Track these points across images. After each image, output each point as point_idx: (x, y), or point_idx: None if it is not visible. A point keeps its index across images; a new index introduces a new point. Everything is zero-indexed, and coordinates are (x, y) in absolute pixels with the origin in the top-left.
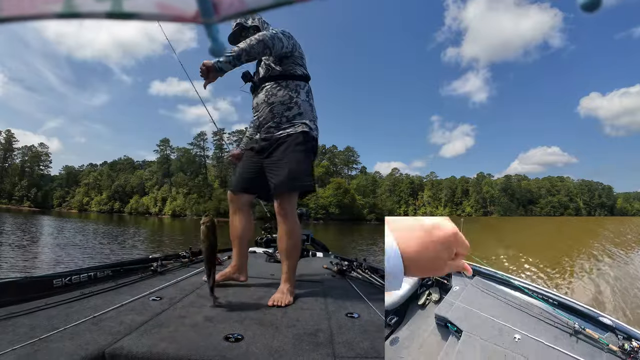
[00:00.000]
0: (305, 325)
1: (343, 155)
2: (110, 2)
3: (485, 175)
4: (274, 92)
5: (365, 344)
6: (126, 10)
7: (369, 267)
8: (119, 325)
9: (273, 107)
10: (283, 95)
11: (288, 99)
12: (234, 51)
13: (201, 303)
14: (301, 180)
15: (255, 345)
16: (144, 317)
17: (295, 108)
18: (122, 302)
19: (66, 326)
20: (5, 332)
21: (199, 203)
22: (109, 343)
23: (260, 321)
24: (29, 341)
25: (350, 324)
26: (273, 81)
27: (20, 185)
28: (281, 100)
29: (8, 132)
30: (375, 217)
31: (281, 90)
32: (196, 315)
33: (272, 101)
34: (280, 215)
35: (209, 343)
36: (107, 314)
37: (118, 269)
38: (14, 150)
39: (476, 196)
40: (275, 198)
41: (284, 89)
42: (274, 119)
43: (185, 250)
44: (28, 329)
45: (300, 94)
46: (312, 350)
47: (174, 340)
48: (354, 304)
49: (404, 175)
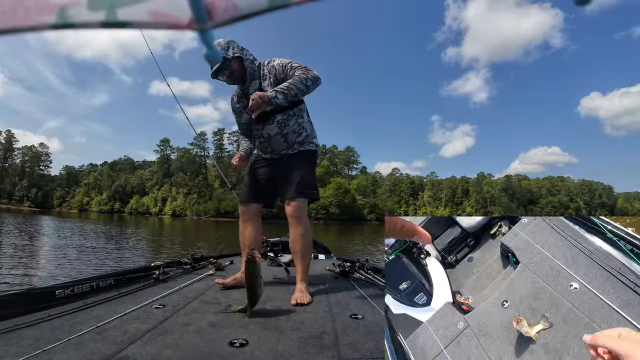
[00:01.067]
0: (310, 328)
1: (343, 155)
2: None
3: (486, 175)
4: (286, 124)
5: (370, 344)
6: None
7: (372, 268)
8: (123, 334)
9: (287, 137)
10: (293, 125)
11: (298, 127)
12: (290, 89)
13: (205, 309)
14: (311, 189)
15: (260, 350)
16: (147, 325)
17: (303, 132)
18: (126, 311)
19: (70, 337)
20: (9, 344)
21: (199, 203)
22: (113, 352)
23: (265, 325)
24: (33, 353)
25: (355, 325)
26: (282, 112)
27: (20, 185)
28: (293, 129)
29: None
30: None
31: (291, 120)
32: (200, 321)
33: (285, 132)
34: (294, 218)
35: (214, 349)
36: (111, 324)
37: (120, 278)
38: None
39: (476, 196)
40: (288, 204)
41: (293, 117)
42: (287, 145)
43: (187, 257)
44: (32, 340)
45: (304, 117)
46: (318, 353)
47: (179, 348)
48: (357, 305)
49: (404, 175)
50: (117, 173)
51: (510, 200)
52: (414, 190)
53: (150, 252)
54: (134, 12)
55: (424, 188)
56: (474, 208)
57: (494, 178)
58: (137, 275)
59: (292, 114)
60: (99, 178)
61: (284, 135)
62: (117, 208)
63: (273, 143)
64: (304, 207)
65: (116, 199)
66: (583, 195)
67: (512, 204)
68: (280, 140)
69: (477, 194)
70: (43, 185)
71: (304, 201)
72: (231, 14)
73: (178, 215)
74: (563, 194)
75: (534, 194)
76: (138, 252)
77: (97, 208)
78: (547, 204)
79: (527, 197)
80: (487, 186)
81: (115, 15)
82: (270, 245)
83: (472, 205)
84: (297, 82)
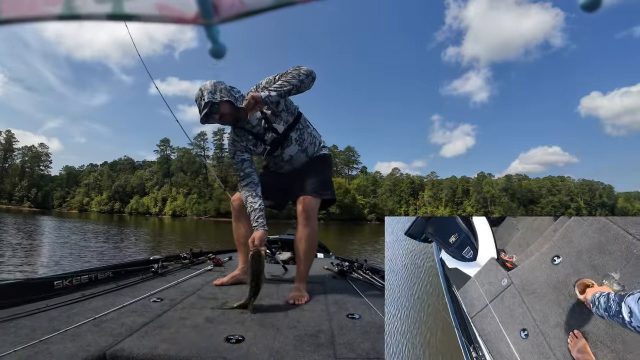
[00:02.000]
0: (307, 326)
1: (343, 155)
2: (111, 4)
3: (486, 175)
4: (302, 138)
5: (366, 344)
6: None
7: (370, 268)
8: (120, 326)
9: (307, 151)
10: (307, 137)
11: (311, 137)
12: (283, 86)
13: (202, 304)
14: (326, 190)
15: (256, 346)
16: (145, 318)
17: (317, 141)
18: (123, 303)
19: (67, 328)
20: (6, 333)
21: (199, 203)
22: (110, 344)
23: (261, 322)
24: (30, 342)
25: (351, 324)
26: (293, 130)
27: (20, 186)
28: (310, 141)
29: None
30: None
31: (304, 133)
32: (197, 316)
33: (304, 147)
34: (304, 218)
35: (210, 344)
36: (108, 316)
37: (119, 271)
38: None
39: (477, 196)
40: (300, 201)
41: (304, 130)
42: (308, 157)
43: (185, 251)
44: (29, 330)
45: (309, 126)
46: (313, 352)
47: (175, 342)
48: (355, 305)
49: (404, 175)
50: (117, 173)
51: (510, 200)
52: (414, 190)
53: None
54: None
55: (424, 188)
56: (475, 208)
57: (494, 178)
58: (136, 268)
59: (301, 127)
60: (99, 178)
61: (304, 151)
62: (117, 208)
63: (295, 162)
64: (316, 206)
65: (116, 199)
66: (583, 195)
67: (513, 203)
68: (302, 156)
69: (477, 193)
70: (43, 186)
71: (317, 201)
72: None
73: (178, 216)
74: (563, 194)
75: (534, 194)
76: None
77: (97, 208)
78: (548, 203)
79: (528, 196)
80: (487, 186)
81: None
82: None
83: (473, 205)
84: (290, 78)
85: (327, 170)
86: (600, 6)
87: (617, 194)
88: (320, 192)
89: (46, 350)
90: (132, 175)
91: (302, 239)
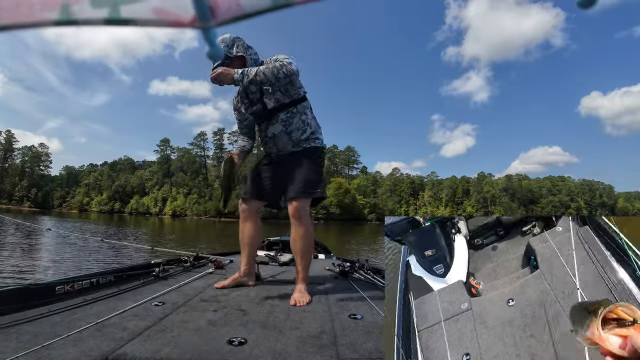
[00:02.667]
0: (309, 328)
1: (344, 155)
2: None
3: (486, 175)
4: (290, 122)
5: (369, 345)
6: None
7: (371, 268)
8: (122, 331)
9: (291, 135)
10: (297, 122)
11: (302, 124)
12: (258, 75)
13: (204, 307)
14: (316, 188)
15: (259, 349)
16: (146, 322)
17: (308, 129)
18: (125, 307)
19: (69, 333)
20: (8, 339)
21: (199, 203)
22: (112, 349)
23: (264, 324)
24: (32, 348)
25: (354, 325)
26: (285, 111)
27: (20, 186)
28: (297, 127)
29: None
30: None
31: (295, 118)
32: (199, 319)
33: (290, 130)
34: (296, 218)
35: (213, 347)
36: (110, 320)
37: (120, 275)
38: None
39: (477, 196)
40: (290, 203)
41: (296, 115)
42: (293, 143)
43: (187, 255)
44: (31, 336)
45: (307, 114)
46: (316, 353)
47: (177, 345)
48: (356, 305)
49: (404, 175)
50: (117, 173)
51: (510, 200)
52: (414, 190)
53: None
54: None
55: (424, 188)
56: (475, 208)
57: (495, 178)
58: (137, 272)
59: (296, 111)
60: (99, 178)
61: (288, 134)
62: (117, 208)
63: (278, 142)
64: (305, 206)
65: (116, 199)
66: (584, 194)
67: (513, 203)
68: (285, 138)
69: (477, 193)
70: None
71: (306, 201)
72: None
73: (178, 216)
74: (564, 194)
75: (534, 194)
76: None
77: (97, 208)
78: (548, 203)
79: (528, 196)
80: (487, 186)
81: (119, 12)
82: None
83: (473, 205)
84: (268, 70)
85: (317, 164)
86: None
87: (617, 193)
88: (309, 192)
89: (48, 356)
90: (132, 175)
91: (297, 240)
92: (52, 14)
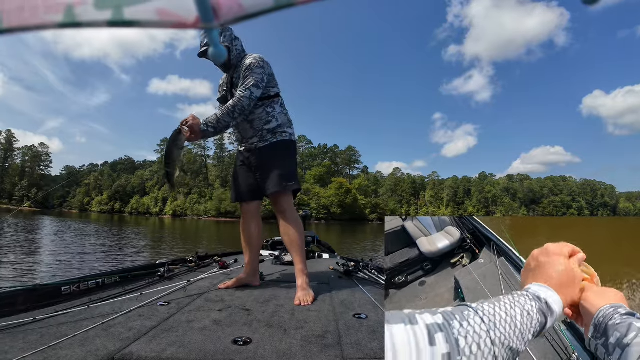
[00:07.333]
0: (314, 327)
1: (345, 155)
2: (111, 11)
3: (488, 175)
4: (252, 111)
5: (374, 344)
6: (127, 18)
7: (376, 268)
8: (128, 331)
9: (253, 124)
10: (261, 112)
11: (265, 115)
12: (219, 122)
13: (209, 307)
14: (290, 180)
15: (264, 348)
16: (152, 322)
17: (273, 121)
18: (131, 307)
19: (76, 333)
20: (16, 340)
21: (199, 203)
22: (118, 349)
23: (269, 324)
24: (39, 348)
25: (358, 325)
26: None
27: (20, 185)
28: (260, 117)
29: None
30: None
31: (258, 109)
32: (204, 319)
33: (251, 119)
34: (280, 213)
35: (218, 347)
36: (116, 320)
37: (125, 275)
38: (14, 150)
39: (478, 196)
40: (271, 201)
41: (261, 106)
42: (256, 134)
43: (191, 255)
44: (38, 336)
45: (275, 109)
46: (321, 352)
47: (183, 345)
48: (361, 305)
49: (405, 175)
50: (117, 173)
51: (512, 200)
52: (415, 190)
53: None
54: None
55: (425, 188)
56: (476, 208)
57: (496, 178)
58: (143, 272)
59: (261, 104)
60: (99, 178)
61: (250, 122)
62: (118, 208)
63: (241, 130)
64: (286, 199)
65: (117, 199)
66: (585, 195)
67: (514, 203)
68: (246, 127)
69: (479, 193)
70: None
71: (285, 194)
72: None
73: (179, 216)
74: (565, 194)
75: (536, 194)
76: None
77: (97, 208)
78: (549, 203)
79: (529, 196)
80: (489, 186)
81: (122, 14)
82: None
83: (474, 205)
84: (225, 114)
85: (288, 158)
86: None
87: (619, 194)
88: (284, 185)
89: (55, 356)
90: (133, 175)
91: (286, 232)
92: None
